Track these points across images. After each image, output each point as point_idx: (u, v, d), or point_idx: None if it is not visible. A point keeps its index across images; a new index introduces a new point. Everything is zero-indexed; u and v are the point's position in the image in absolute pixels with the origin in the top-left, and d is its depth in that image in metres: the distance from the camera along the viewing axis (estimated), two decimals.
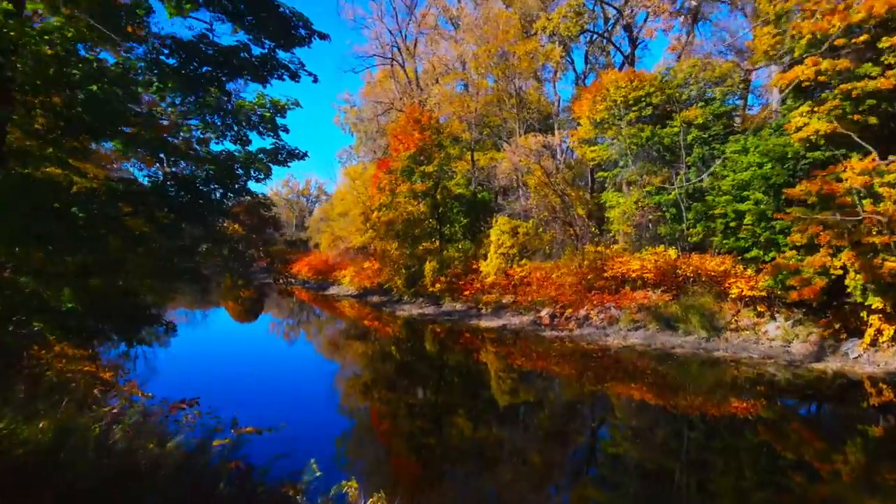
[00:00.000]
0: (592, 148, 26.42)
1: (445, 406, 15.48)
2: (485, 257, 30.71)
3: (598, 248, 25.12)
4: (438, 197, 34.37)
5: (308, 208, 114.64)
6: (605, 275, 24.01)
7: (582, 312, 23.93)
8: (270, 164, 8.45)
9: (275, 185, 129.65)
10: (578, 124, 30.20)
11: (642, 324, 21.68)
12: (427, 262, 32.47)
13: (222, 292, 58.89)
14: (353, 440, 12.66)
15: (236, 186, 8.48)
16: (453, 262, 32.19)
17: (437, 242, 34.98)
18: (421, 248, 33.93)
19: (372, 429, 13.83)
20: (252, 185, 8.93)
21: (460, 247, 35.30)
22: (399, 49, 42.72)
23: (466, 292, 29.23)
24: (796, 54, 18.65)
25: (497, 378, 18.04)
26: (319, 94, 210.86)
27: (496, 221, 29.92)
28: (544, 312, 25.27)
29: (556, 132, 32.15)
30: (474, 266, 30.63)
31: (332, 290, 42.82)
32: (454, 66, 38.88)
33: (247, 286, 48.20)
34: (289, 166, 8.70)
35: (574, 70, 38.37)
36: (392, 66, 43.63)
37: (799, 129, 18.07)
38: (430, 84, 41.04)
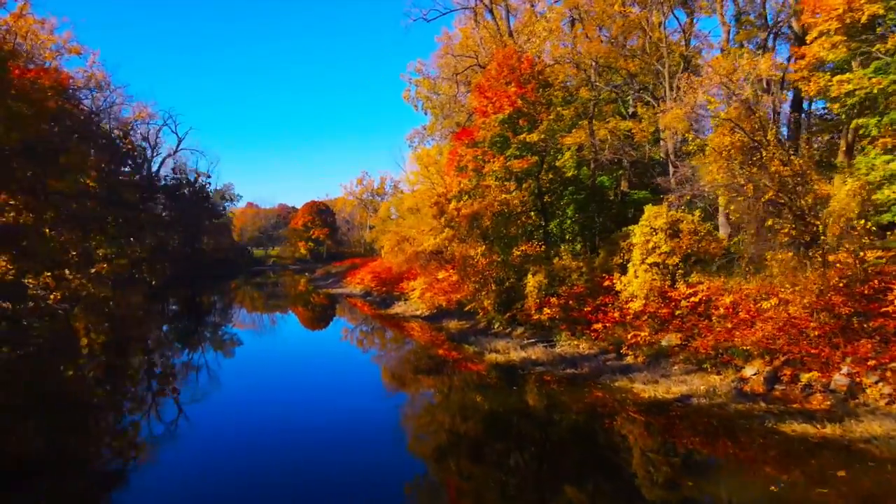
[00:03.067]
0: (844, 77, 15.04)
1: None
2: (622, 270, 19.84)
3: (861, 257, 13.67)
4: (545, 179, 23.73)
5: None
6: (888, 308, 12.63)
7: (840, 378, 12.65)
8: None
9: (348, 184, 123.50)
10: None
11: None
12: (529, 276, 21.94)
13: (291, 298, 51.11)
14: None
15: None
16: (570, 275, 21.48)
17: (542, 246, 24.36)
18: (517, 252, 23.43)
19: None
20: None
21: (576, 251, 24.50)
22: None
23: (598, 325, 18.42)
24: None
25: None
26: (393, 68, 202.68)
27: (646, 213, 18.88)
28: (751, 371, 14.15)
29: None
30: (606, 283, 19.76)
31: (398, 308, 32.93)
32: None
33: None
34: None
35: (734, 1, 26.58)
36: (475, 6, 33.30)
37: None
38: (527, 34, 30.35)
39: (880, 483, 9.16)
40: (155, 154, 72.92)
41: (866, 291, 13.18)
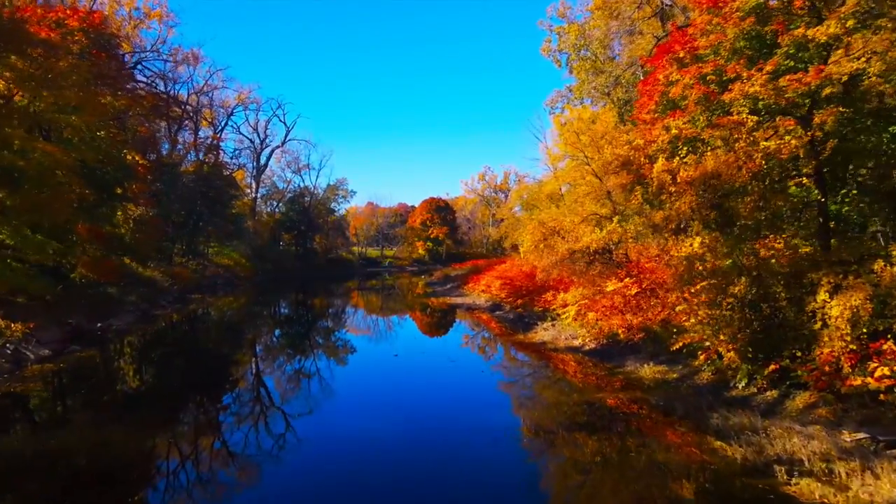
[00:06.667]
0: None
1: None
2: None
3: None
4: (838, 114, 12.64)
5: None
6: None
7: None
8: None
9: (469, 180, 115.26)
10: None
11: None
12: (821, 295, 11.22)
13: (405, 307, 42.91)
14: None
15: None
16: None
17: (815, 242, 13.42)
18: (782, 251, 12.65)
19: None
20: None
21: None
22: None
23: None
24: None
25: None
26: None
27: None
28: None
29: None
30: None
31: (543, 332, 22.81)
32: None
33: None
34: None
35: None
36: None
37: None
38: None
39: None
40: (264, 147, 68.28)
41: None
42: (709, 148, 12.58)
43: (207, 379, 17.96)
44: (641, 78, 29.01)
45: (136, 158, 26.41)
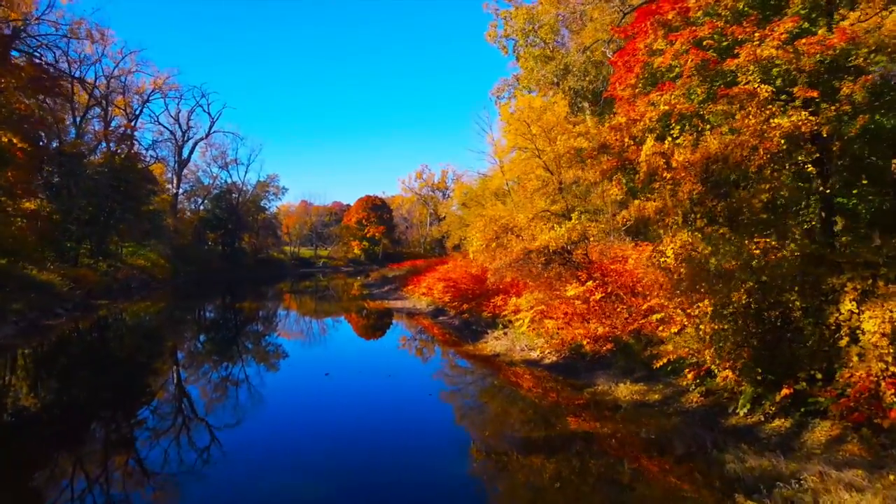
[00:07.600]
0: None
1: None
2: None
3: None
4: (869, 86, 10.65)
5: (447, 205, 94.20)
6: None
7: None
8: None
9: (406, 178, 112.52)
10: None
11: None
12: (845, 303, 9.18)
13: (341, 311, 39.54)
14: None
15: None
16: None
17: (820, 240, 11.49)
18: (783, 247, 10.59)
19: None
20: None
21: None
22: None
23: None
24: None
25: None
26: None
27: None
28: None
29: None
30: None
31: (495, 342, 20.36)
32: None
33: None
34: None
35: None
36: None
37: None
38: None
39: None
40: (186, 139, 63.28)
41: None
42: (708, 126, 10.39)
43: (104, 403, 14.51)
44: (596, 62, 27.17)
45: (14, 141, 22.27)
